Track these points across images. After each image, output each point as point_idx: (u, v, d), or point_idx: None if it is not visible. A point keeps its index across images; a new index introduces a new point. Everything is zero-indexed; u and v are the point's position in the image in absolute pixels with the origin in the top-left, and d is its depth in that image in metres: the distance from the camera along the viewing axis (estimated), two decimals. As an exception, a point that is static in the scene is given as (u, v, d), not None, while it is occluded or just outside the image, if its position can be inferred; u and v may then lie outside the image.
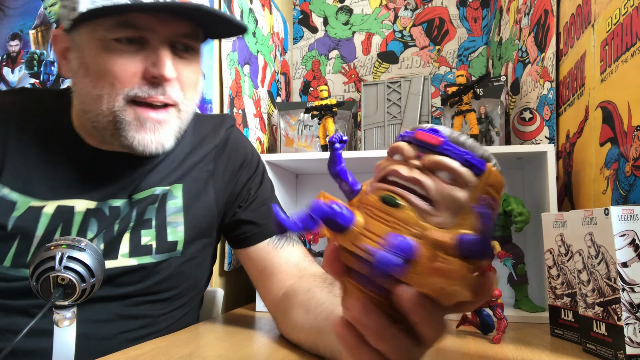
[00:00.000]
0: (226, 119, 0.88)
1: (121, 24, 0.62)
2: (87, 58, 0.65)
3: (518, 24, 1.38)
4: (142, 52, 0.64)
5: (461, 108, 1.14)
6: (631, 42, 0.75)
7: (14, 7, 1.39)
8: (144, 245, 0.72)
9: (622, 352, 0.56)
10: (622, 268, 0.56)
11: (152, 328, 0.73)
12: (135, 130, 0.66)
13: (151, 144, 0.67)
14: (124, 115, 0.65)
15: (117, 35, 0.63)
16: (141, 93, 0.64)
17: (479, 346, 0.70)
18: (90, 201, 0.71)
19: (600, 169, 0.87)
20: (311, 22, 1.89)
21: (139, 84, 0.64)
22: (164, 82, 0.65)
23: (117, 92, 0.64)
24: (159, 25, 0.64)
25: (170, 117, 0.68)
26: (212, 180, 0.80)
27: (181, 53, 0.68)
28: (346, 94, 1.82)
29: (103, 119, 0.66)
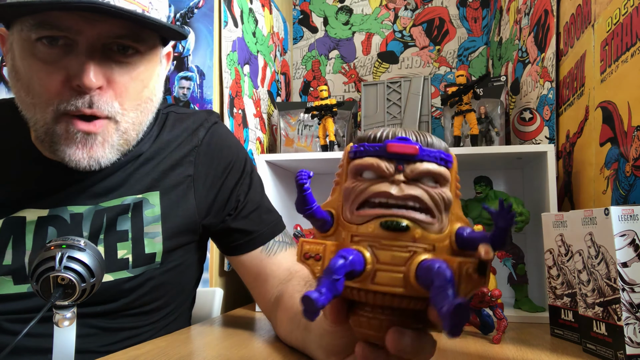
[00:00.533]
0: (209, 116, 0.80)
1: (41, 24, 0.57)
2: (17, 60, 0.61)
3: (518, 24, 1.38)
4: (68, 57, 0.58)
5: (461, 108, 1.14)
6: (631, 42, 0.75)
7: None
8: (120, 259, 0.68)
9: (622, 352, 0.55)
10: (622, 268, 0.56)
11: (136, 339, 0.71)
12: (66, 145, 0.60)
13: (83, 160, 0.61)
14: (55, 128, 0.60)
15: (40, 35, 0.58)
16: (69, 107, 0.58)
17: (479, 346, 0.70)
18: (41, 210, 0.66)
19: (600, 169, 0.87)
20: (311, 22, 1.89)
21: (66, 95, 0.58)
22: (89, 91, 0.58)
23: (47, 103, 0.59)
24: (85, 25, 0.57)
25: (105, 130, 0.61)
26: (192, 185, 0.75)
27: (117, 56, 0.61)
28: (346, 94, 1.82)
29: (40, 128, 0.61)
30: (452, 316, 0.27)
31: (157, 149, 0.73)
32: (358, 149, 0.34)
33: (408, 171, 0.32)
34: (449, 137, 1.29)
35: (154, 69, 0.67)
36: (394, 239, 0.32)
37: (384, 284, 0.32)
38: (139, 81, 0.64)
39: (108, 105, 0.60)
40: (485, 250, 0.30)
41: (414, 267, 0.31)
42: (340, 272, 0.30)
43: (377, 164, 0.33)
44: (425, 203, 0.32)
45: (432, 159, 0.32)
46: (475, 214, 1.04)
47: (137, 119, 0.66)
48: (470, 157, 1.06)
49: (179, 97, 1.21)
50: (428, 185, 0.32)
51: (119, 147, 0.65)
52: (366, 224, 0.33)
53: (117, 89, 0.61)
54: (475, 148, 1.04)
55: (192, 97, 1.21)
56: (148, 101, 0.67)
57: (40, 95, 0.59)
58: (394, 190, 0.32)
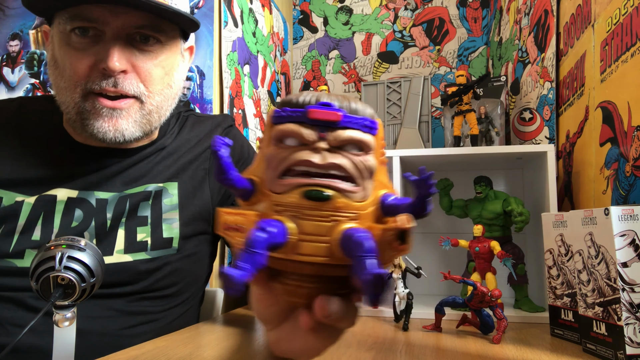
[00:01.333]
0: (225, 119, 0.89)
1: (74, 16, 0.66)
2: (55, 51, 0.69)
3: (518, 24, 1.38)
4: (96, 46, 0.66)
5: (461, 108, 1.14)
6: (631, 42, 0.75)
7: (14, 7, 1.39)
8: (139, 241, 0.73)
9: (622, 352, 0.55)
10: (622, 268, 0.56)
11: (153, 325, 0.74)
12: (94, 118, 0.68)
13: (109, 131, 0.68)
14: (84, 105, 0.67)
15: (73, 25, 0.66)
16: (94, 86, 0.66)
17: (479, 346, 0.70)
18: (72, 190, 0.72)
19: (600, 169, 0.87)
20: (311, 22, 1.89)
21: (92, 77, 0.66)
22: (114, 74, 0.66)
23: (75, 84, 0.67)
24: (110, 16, 0.65)
25: (130, 107, 0.69)
26: (208, 178, 0.82)
27: (139, 44, 0.68)
28: (346, 94, 1.82)
29: (71, 110, 0.69)
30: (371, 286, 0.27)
31: (178, 145, 0.81)
32: (279, 113, 0.32)
33: (331, 139, 0.31)
34: (449, 137, 1.29)
35: (175, 58, 0.74)
36: (317, 209, 0.31)
37: (309, 254, 0.31)
38: (160, 67, 0.71)
39: (133, 86, 0.68)
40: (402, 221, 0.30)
41: (338, 236, 0.31)
42: (261, 246, 0.29)
43: (299, 130, 0.31)
44: (348, 171, 0.31)
45: (356, 126, 0.31)
46: (475, 214, 1.04)
47: (161, 104, 0.73)
48: (470, 157, 1.06)
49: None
50: (351, 152, 0.31)
51: (141, 125, 0.71)
52: (288, 193, 0.31)
53: (142, 74, 0.69)
54: (475, 148, 1.04)
55: (192, 97, 1.21)
56: (169, 87, 0.73)
57: (70, 77, 0.67)
58: (316, 159, 0.31)
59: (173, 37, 0.73)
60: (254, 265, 0.29)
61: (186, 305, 0.81)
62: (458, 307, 0.88)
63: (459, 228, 1.22)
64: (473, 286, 0.75)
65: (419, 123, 1.28)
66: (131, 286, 0.71)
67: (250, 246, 0.29)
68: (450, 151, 1.04)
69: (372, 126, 0.32)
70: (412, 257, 0.94)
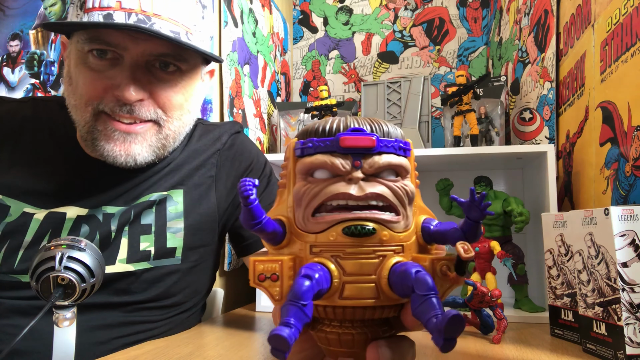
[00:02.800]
0: (232, 126, 0.87)
1: (93, 39, 0.64)
2: (71, 67, 0.67)
3: (518, 24, 1.38)
4: (112, 70, 0.64)
5: (461, 108, 1.14)
6: (631, 42, 0.75)
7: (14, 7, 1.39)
8: (142, 250, 0.71)
9: (622, 352, 0.55)
10: (622, 268, 0.56)
11: (150, 332, 0.73)
12: (105, 140, 0.66)
13: (120, 156, 0.66)
14: (95, 125, 0.66)
15: (91, 48, 0.64)
16: (107, 109, 0.64)
17: (479, 346, 0.70)
18: (82, 208, 0.70)
19: (600, 169, 0.87)
20: (311, 22, 1.89)
21: (105, 99, 0.64)
22: (129, 103, 0.64)
23: (87, 103, 0.65)
24: (130, 43, 0.63)
25: (146, 131, 0.67)
26: (214, 185, 0.80)
27: (159, 72, 0.66)
28: (346, 94, 1.82)
29: (82, 128, 0.67)
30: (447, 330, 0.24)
31: (186, 157, 0.79)
32: (305, 144, 0.30)
33: (366, 166, 0.29)
34: (449, 137, 1.29)
35: (194, 85, 0.72)
36: (360, 246, 0.28)
37: (355, 297, 0.28)
38: (180, 95, 0.69)
39: (150, 112, 0.66)
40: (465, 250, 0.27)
41: (386, 273, 0.28)
42: (308, 297, 0.26)
43: (331, 161, 0.28)
44: (389, 200, 0.29)
45: (391, 150, 0.29)
46: (475, 214, 1.04)
47: (178, 129, 0.71)
48: (470, 157, 1.06)
49: (179, 97, 1.21)
50: (389, 179, 0.29)
51: (156, 149, 0.69)
52: (326, 231, 0.29)
53: (160, 101, 0.67)
54: (475, 148, 1.04)
55: (192, 97, 1.21)
56: (188, 113, 0.72)
57: (82, 96, 0.65)
58: (353, 190, 0.28)
59: (194, 65, 0.70)
60: (303, 320, 0.26)
61: (186, 314, 0.80)
62: (458, 307, 0.88)
63: (459, 228, 1.22)
64: (473, 286, 0.75)
65: (419, 123, 1.28)
66: (132, 296, 0.70)
67: (297, 298, 0.26)
68: (450, 151, 1.04)
69: (406, 147, 0.30)
70: (412, 257, 0.94)
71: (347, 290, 0.28)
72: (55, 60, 1.32)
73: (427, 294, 0.26)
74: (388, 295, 0.28)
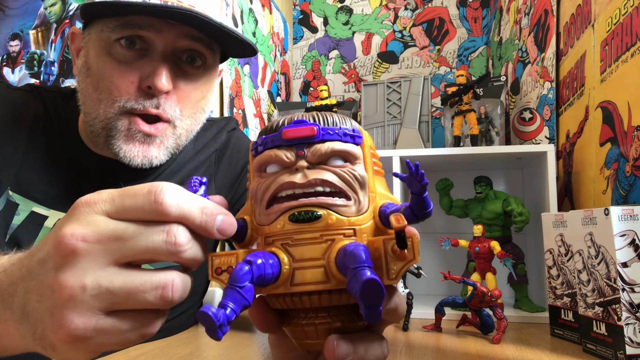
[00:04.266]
0: (229, 122, 0.86)
1: (124, 24, 0.61)
2: (91, 58, 0.64)
3: (518, 24, 1.38)
4: (142, 60, 0.62)
5: (461, 108, 1.14)
6: (631, 42, 0.75)
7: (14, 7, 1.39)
8: None
9: (622, 352, 0.55)
10: (622, 268, 0.56)
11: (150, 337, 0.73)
12: (124, 141, 0.63)
13: (137, 157, 0.64)
14: (116, 123, 0.63)
15: (119, 36, 0.61)
16: (136, 105, 0.62)
17: (479, 346, 0.70)
18: None
19: (600, 169, 0.87)
20: (311, 22, 1.89)
21: (135, 94, 0.62)
22: (158, 94, 0.62)
23: (114, 99, 0.62)
24: (164, 25, 0.61)
25: (164, 133, 0.65)
26: (213, 185, 0.79)
27: (185, 66, 0.65)
28: (346, 94, 1.82)
29: (98, 123, 0.64)
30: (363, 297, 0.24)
31: (185, 155, 0.78)
32: (257, 144, 0.31)
33: (310, 155, 0.29)
34: (449, 137, 1.29)
35: (212, 82, 0.71)
36: (307, 231, 0.29)
37: (305, 282, 0.29)
38: (199, 92, 0.67)
39: (172, 110, 0.64)
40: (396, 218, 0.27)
41: (334, 255, 0.28)
42: (244, 279, 0.27)
43: (276, 154, 0.29)
44: (335, 185, 0.29)
45: (335, 137, 0.29)
46: (475, 214, 1.04)
47: (190, 127, 0.69)
48: (470, 157, 1.06)
49: (179, 97, 1.21)
50: (336, 165, 0.29)
51: (170, 150, 0.68)
52: (275, 221, 0.29)
53: (180, 96, 0.65)
54: (475, 148, 1.04)
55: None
56: (202, 111, 0.70)
57: (109, 91, 0.62)
58: (297, 179, 0.29)
59: (215, 59, 0.69)
60: (239, 303, 0.27)
61: (184, 316, 0.80)
62: (458, 307, 0.88)
63: (459, 228, 1.22)
64: (473, 286, 0.75)
65: (419, 123, 1.28)
66: None
67: (233, 281, 0.27)
68: (450, 151, 1.04)
69: (353, 135, 0.30)
70: (412, 257, 0.94)
71: (297, 276, 0.29)
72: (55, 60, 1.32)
73: (357, 266, 0.26)
74: (338, 278, 0.28)
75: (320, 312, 0.30)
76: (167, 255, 0.29)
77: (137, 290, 0.29)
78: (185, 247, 0.29)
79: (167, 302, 0.29)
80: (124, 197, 0.30)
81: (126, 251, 0.29)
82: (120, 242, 0.29)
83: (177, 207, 0.29)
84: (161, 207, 0.29)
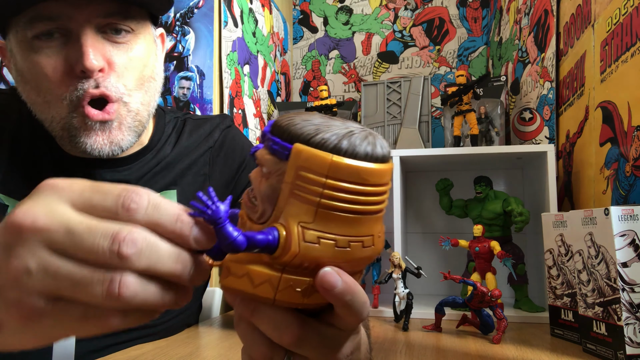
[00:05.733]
0: (223, 120, 0.85)
1: (34, 18, 0.59)
2: (19, 64, 0.62)
3: (518, 24, 1.38)
4: (66, 47, 0.60)
5: (461, 108, 1.14)
6: (631, 42, 0.75)
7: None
8: None
9: (622, 352, 0.55)
10: (622, 268, 0.56)
11: (148, 339, 0.72)
12: (85, 135, 0.62)
13: (105, 146, 0.63)
14: (72, 121, 0.61)
15: (35, 31, 0.59)
16: (78, 93, 0.60)
17: (479, 346, 0.70)
18: None
19: (600, 169, 0.87)
20: (311, 22, 1.89)
21: (73, 83, 0.60)
22: (93, 75, 0.60)
23: (59, 97, 0.60)
24: (73, 10, 0.59)
25: (118, 114, 0.63)
26: (207, 183, 0.78)
27: (112, 37, 0.62)
28: (346, 94, 1.82)
29: (56, 125, 0.63)
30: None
31: (177, 153, 0.76)
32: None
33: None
34: (449, 137, 1.29)
35: (150, 48, 0.68)
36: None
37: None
38: (137, 60, 0.65)
39: (114, 87, 0.62)
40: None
41: None
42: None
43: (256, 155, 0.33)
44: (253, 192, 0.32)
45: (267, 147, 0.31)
46: (475, 214, 1.04)
47: (145, 99, 0.67)
48: (470, 157, 1.06)
49: (179, 97, 1.21)
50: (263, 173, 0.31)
51: (134, 129, 0.66)
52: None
53: (118, 70, 0.62)
54: (475, 148, 1.04)
55: (192, 97, 1.21)
56: (151, 80, 0.68)
57: (49, 90, 0.61)
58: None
59: (144, 24, 0.67)
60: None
61: (183, 316, 0.80)
62: (458, 307, 0.88)
63: (459, 228, 1.22)
64: (473, 286, 0.75)
65: (419, 123, 1.28)
66: None
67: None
68: (450, 151, 1.04)
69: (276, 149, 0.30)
70: (412, 257, 0.94)
71: None
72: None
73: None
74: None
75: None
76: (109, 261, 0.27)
77: (83, 282, 0.27)
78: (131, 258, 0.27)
79: (113, 298, 0.27)
80: (94, 193, 0.29)
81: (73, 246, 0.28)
82: (70, 235, 0.28)
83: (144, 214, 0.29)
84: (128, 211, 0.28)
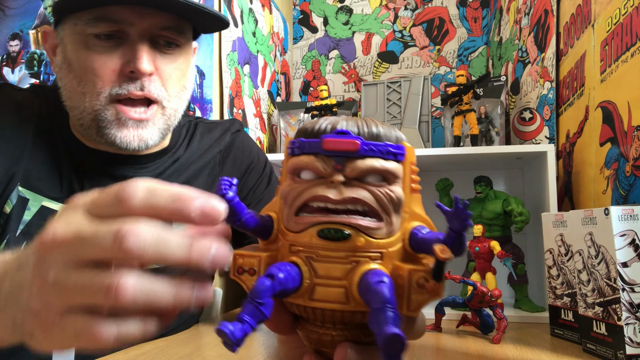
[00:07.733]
0: (233, 124, 0.88)
1: (99, 18, 0.63)
2: (69, 53, 0.66)
3: (518, 24, 1.38)
4: (121, 48, 0.64)
5: (461, 108, 1.14)
6: (631, 42, 0.75)
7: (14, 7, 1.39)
8: None
9: (622, 352, 0.55)
10: (622, 268, 0.56)
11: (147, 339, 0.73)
12: (116, 129, 0.65)
13: (133, 140, 0.66)
14: (105, 114, 0.65)
15: (96, 30, 0.63)
16: (121, 91, 0.64)
17: (479, 346, 0.70)
18: None
19: (600, 169, 0.87)
20: (311, 22, 1.89)
21: (118, 81, 0.64)
22: (142, 77, 0.64)
23: (99, 90, 0.64)
24: (136, 18, 0.63)
25: (153, 114, 0.67)
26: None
27: (162, 48, 0.68)
28: (346, 94, 1.82)
29: (87, 116, 0.66)
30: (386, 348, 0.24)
31: (190, 156, 0.80)
32: (294, 144, 0.30)
33: (349, 170, 0.28)
34: (449, 137, 1.29)
35: (189, 60, 0.73)
36: (333, 250, 0.28)
37: (323, 299, 0.28)
38: (179, 71, 0.70)
39: (157, 90, 0.66)
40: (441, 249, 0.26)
41: (357, 279, 0.28)
42: (265, 295, 0.27)
43: (313, 163, 0.28)
44: (369, 205, 0.28)
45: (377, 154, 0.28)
46: (476, 214, 1.04)
47: (178, 106, 0.72)
48: (470, 157, 1.06)
49: (179, 97, 1.21)
50: (373, 184, 0.28)
51: (163, 131, 0.70)
52: (304, 232, 0.29)
53: (163, 77, 0.67)
54: (475, 148, 1.04)
55: (192, 97, 1.21)
56: (184, 89, 0.73)
57: (93, 83, 0.64)
58: (331, 194, 0.28)
59: (189, 39, 0.72)
60: (257, 318, 0.27)
61: (184, 316, 0.80)
62: (458, 307, 0.88)
63: (459, 228, 1.22)
64: (473, 286, 0.75)
65: (419, 123, 1.28)
66: None
67: (254, 296, 0.27)
68: (450, 151, 1.04)
69: (397, 152, 0.29)
70: (412, 257, 0.94)
71: (317, 292, 0.28)
72: (55, 60, 1.32)
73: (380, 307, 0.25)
74: (358, 301, 0.28)
75: (337, 324, 0.30)
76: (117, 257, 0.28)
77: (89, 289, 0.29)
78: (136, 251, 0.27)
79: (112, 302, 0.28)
80: (100, 195, 0.31)
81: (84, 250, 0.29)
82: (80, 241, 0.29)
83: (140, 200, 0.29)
84: (123, 203, 0.29)
